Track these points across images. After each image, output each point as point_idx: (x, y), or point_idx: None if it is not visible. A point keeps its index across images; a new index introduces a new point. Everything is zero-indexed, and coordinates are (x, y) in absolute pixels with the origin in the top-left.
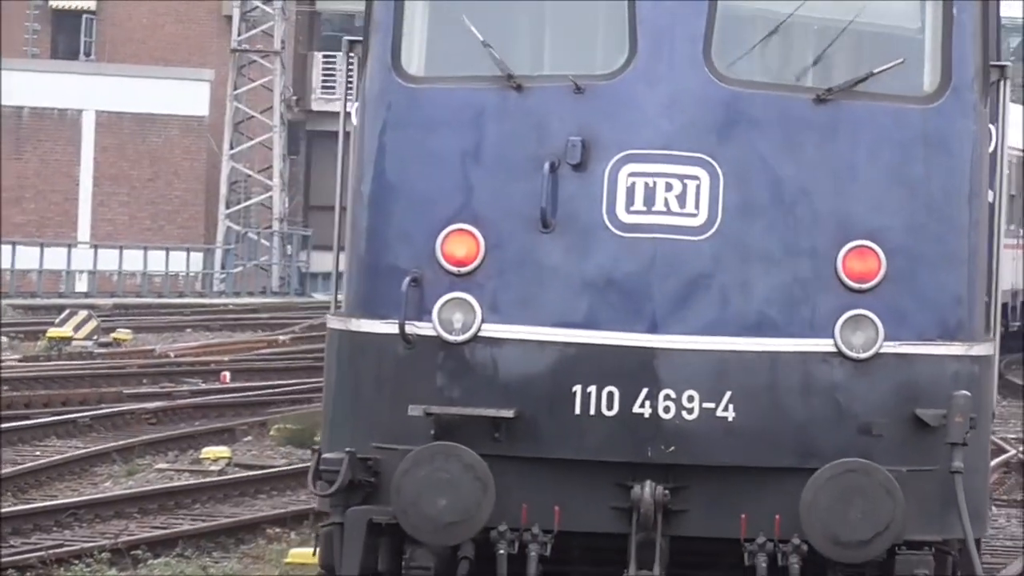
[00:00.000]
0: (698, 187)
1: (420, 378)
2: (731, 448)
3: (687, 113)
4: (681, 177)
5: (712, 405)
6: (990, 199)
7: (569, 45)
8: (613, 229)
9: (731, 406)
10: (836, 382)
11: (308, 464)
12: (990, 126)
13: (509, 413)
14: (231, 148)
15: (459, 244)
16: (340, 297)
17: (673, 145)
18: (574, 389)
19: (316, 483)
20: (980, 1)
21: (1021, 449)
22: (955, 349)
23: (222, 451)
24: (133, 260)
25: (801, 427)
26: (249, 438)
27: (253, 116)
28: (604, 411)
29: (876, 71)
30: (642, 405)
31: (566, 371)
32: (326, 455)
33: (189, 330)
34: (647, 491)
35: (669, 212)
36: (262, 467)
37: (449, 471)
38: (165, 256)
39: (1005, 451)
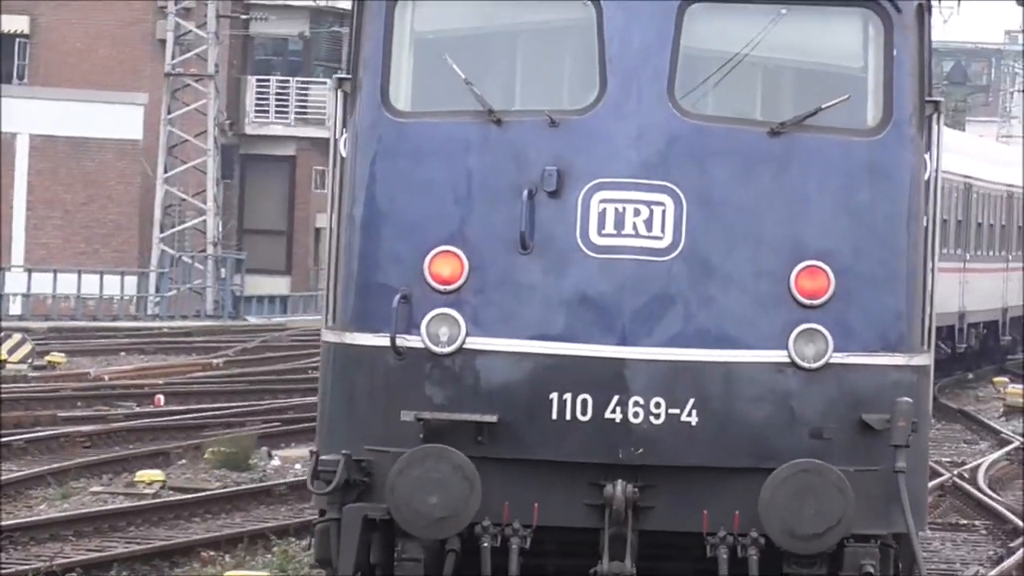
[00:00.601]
0: (663, 212)
1: (410, 386)
2: (694, 450)
3: (653, 145)
4: (648, 203)
5: (677, 411)
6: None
7: (540, 83)
8: (586, 251)
9: (694, 412)
10: (790, 390)
11: (242, 487)
12: (925, 156)
13: (492, 418)
14: (165, 172)
15: (445, 264)
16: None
17: (640, 174)
18: (551, 396)
19: (314, 482)
20: (917, 43)
21: (955, 472)
22: (897, 359)
23: (156, 474)
24: (67, 283)
25: (758, 431)
26: (183, 461)
27: (187, 140)
28: (579, 416)
29: (824, 106)
30: (613, 411)
31: (543, 380)
32: (323, 457)
33: (123, 353)
34: (618, 489)
35: (637, 235)
36: (196, 490)
37: (440, 471)
38: (99, 279)
39: (940, 475)
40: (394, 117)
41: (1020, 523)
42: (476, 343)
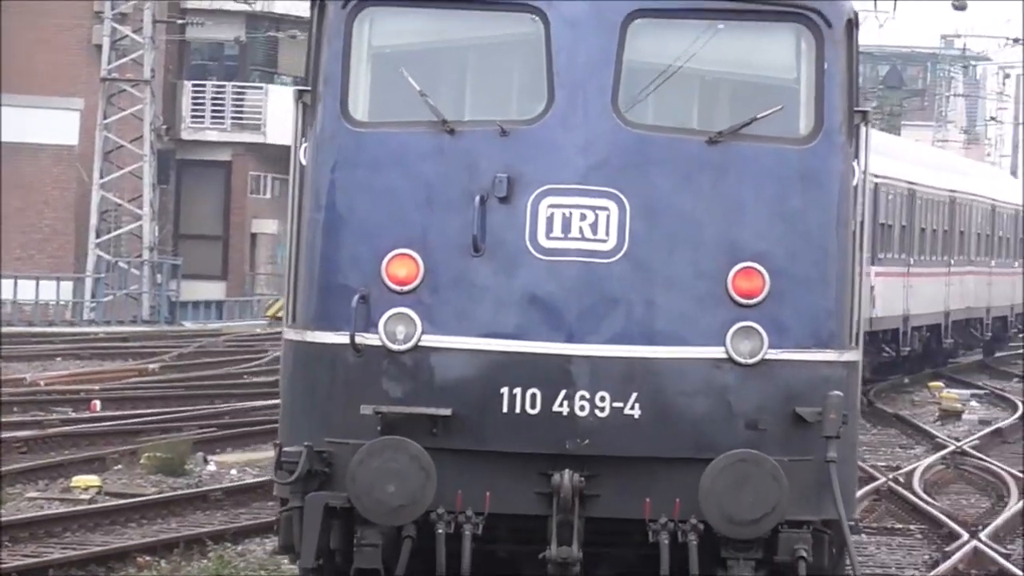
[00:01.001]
0: (608, 217)
1: (368, 382)
2: (637, 441)
3: (598, 154)
4: (593, 208)
5: (621, 404)
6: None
7: (491, 94)
8: (535, 253)
9: (637, 405)
10: (727, 384)
11: (178, 492)
12: (853, 163)
13: (446, 411)
14: (101, 177)
15: (401, 266)
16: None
17: (586, 181)
18: (502, 391)
19: (277, 472)
20: (846, 56)
21: (891, 477)
22: (828, 355)
23: (92, 480)
24: (3, 289)
25: (697, 423)
26: (119, 467)
27: (123, 145)
28: (528, 410)
29: (759, 116)
30: (561, 404)
31: (495, 375)
32: (286, 448)
33: (59, 359)
34: (565, 478)
35: (583, 238)
36: (133, 495)
37: (398, 461)
38: (35, 285)
39: (875, 479)
40: (353, 127)
41: (955, 527)
42: (431, 341)
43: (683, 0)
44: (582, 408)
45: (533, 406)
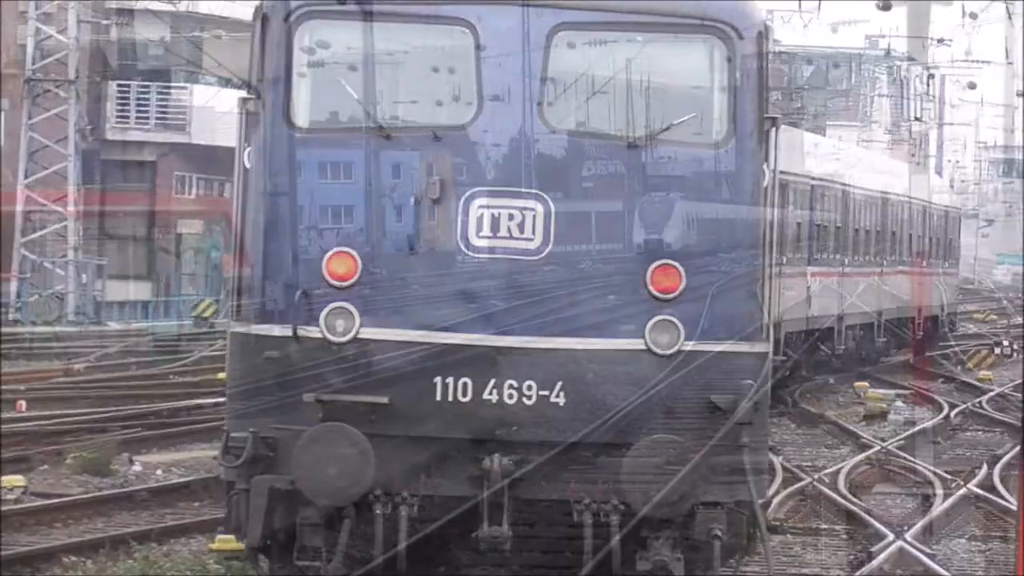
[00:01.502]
0: (534, 217)
1: (310, 372)
2: (562, 427)
3: (525, 157)
4: (521, 209)
5: (547, 393)
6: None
7: (425, 101)
8: (466, 251)
9: (562, 393)
10: (646, 374)
11: (104, 493)
12: (764, 166)
13: (383, 399)
14: (26, 178)
15: (340, 263)
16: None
17: (514, 183)
18: (435, 380)
19: (225, 457)
20: (757, 66)
21: (816, 477)
22: (741, 347)
23: (17, 480)
24: None
25: (618, 410)
26: (45, 467)
27: (48, 146)
28: (460, 398)
29: (675, 123)
30: (490, 393)
31: (429, 366)
32: (233, 435)
33: None
34: (495, 462)
35: (511, 237)
36: (58, 496)
37: (338, 446)
38: None
39: (800, 479)
40: (294, 133)
41: (880, 527)
42: (369, 333)
43: (604, 13)
44: (511, 396)
45: (465, 394)
